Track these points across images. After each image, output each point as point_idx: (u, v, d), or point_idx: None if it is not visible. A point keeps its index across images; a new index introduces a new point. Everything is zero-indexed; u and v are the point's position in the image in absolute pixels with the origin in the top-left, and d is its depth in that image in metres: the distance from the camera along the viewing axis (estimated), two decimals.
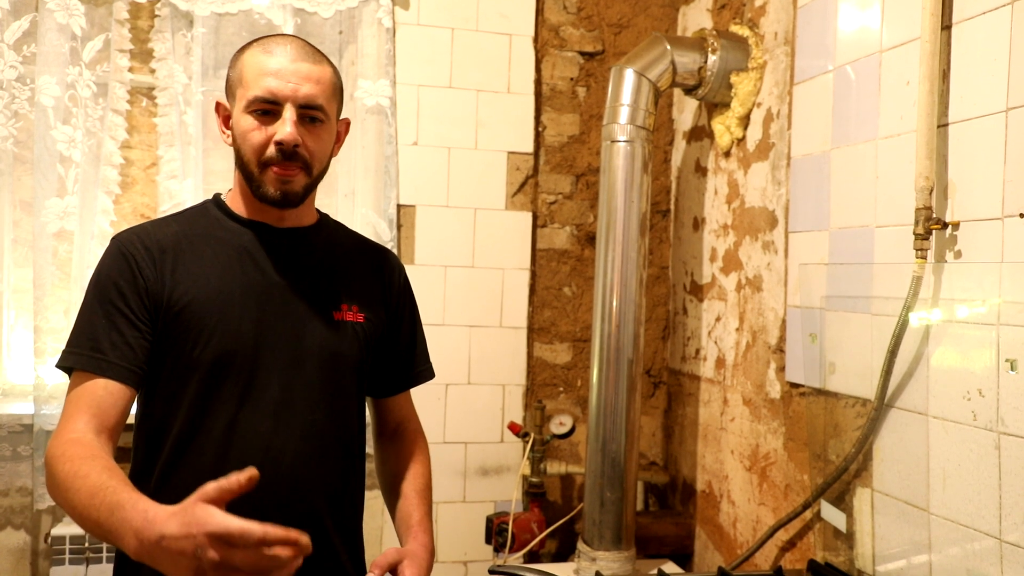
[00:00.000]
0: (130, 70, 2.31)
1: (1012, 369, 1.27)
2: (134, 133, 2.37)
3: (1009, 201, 1.31)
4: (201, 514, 0.92)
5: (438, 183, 2.51)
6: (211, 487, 0.95)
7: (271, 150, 1.26)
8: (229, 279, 1.30)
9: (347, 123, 1.42)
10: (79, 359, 1.23)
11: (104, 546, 2.17)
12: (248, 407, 1.28)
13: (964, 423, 1.37)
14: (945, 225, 1.42)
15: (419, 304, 1.57)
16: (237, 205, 1.37)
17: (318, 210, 1.46)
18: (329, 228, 1.46)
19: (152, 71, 2.33)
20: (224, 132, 1.34)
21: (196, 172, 2.30)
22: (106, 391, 1.22)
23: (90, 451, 1.13)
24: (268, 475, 1.27)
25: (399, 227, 2.47)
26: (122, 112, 2.30)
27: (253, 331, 1.29)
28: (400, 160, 2.47)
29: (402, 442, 1.52)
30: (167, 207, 2.28)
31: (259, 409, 1.28)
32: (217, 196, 1.41)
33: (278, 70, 1.26)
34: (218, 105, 1.36)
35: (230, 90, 1.32)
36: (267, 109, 1.26)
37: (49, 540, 2.19)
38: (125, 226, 2.32)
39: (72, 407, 1.21)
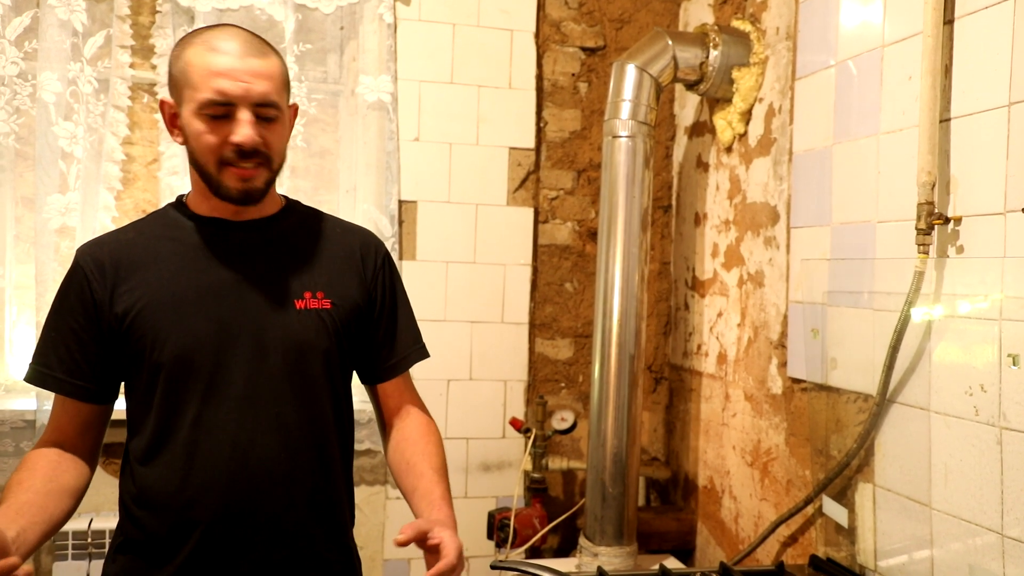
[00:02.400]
0: (131, 66, 2.32)
1: (1014, 364, 1.27)
2: (135, 129, 2.37)
3: (1011, 196, 1.31)
4: None
5: (439, 179, 2.51)
6: None
7: (228, 151, 1.24)
8: (183, 279, 1.29)
9: (295, 108, 1.39)
10: (30, 372, 1.32)
11: (106, 541, 2.17)
12: (212, 404, 1.28)
13: (966, 418, 1.37)
14: (947, 220, 1.42)
15: (421, 300, 1.55)
16: (196, 204, 1.35)
17: (286, 197, 1.44)
18: (296, 214, 1.43)
19: (153, 67, 2.33)
20: (173, 131, 1.30)
21: None
22: (63, 407, 1.32)
23: (28, 464, 1.26)
24: (236, 469, 1.28)
25: (401, 223, 2.47)
26: (123, 108, 2.30)
27: (211, 329, 1.28)
28: (401, 156, 2.47)
29: (408, 426, 1.46)
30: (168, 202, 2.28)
31: (223, 405, 1.28)
32: (179, 197, 1.39)
33: (228, 70, 1.22)
34: (163, 104, 1.30)
35: (175, 87, 1.27)
36: (222, 112, 1.23)
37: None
38: (127, 221, 2.33)
39: (49, 418, 1.34)
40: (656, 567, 1.75)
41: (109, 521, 2.19)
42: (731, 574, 1.69)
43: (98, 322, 1.29)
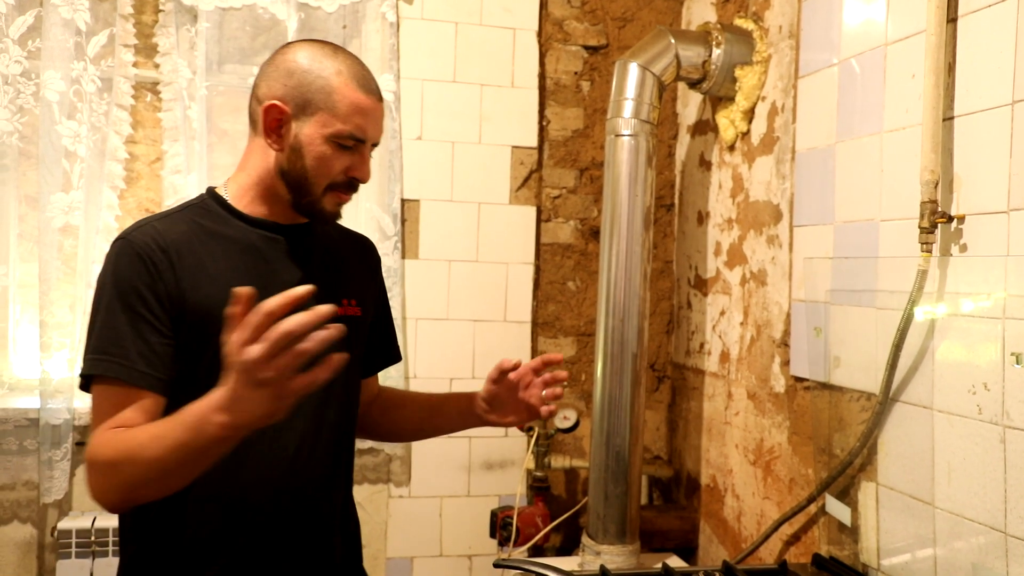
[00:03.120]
0: (134, 65, 2.32)
1: (1017, 363, 1.27)
2: (138, 128, 2.37)
3: (1015, 194, 1.30)
4: (228, 351, 0.99)
5: (442, 177, 2.51)
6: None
7: (342, 179, 1.31)
8: (243, 279, 1.28)
9: None
10: (109, 367, 1.21)
11: (110, 539, 2.18)
12: None
13: (969, 417, 1.37)
14: (950, 219, 1.42)
15: (423, 299, 1.61)
16: (246, 204, 1.35)
17: None
18: None
19: (156, 66, 2.33)
20: (276, 136, 1.30)
21: (200, 167, 2.30)
22: (139, 402, 1.21)
23: (125, 428, 1.18)
24: (287, 470, 1.30)
25: (403, 222, 2.47)
26: (127, 107, 2.30)
27: None
28: (404, 155, 2.47)
29: (385, 394, 1.63)
30: (171, 202, 2.29)
31: None
32: (212, 191, 1.38)
33: (372, 110, 1.30)
34: (272, 107, 1.28)
35: (304, 105, 1.27)
36: (352, 145, 1.30)
37: (55, 533, 2.20)
38: (130, 220, 2.34)
39: (102, 415, 1.21)
40: (659, 566, 1.75)
41: (112, 520, 2.19)
42: (734, 573, 1.69)
43: (170, 310, 1.23)
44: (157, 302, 1.23)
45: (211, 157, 2.34)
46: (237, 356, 0.97)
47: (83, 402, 2.24)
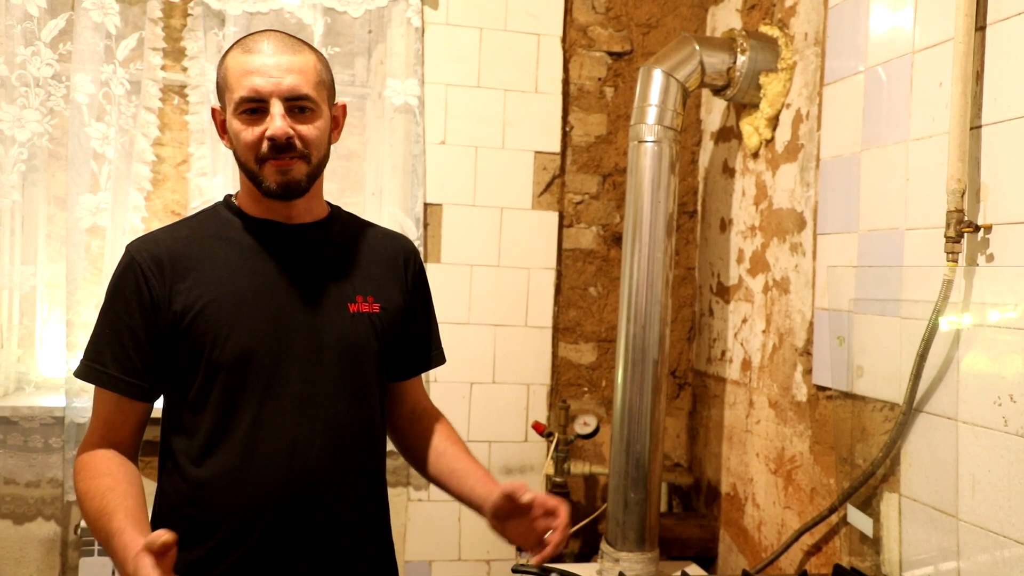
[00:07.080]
0: (163, 68, 2.35)
1: None
2: (166, 130, 2.40)
3: None
4: (140, 564, 1.05)
5: (465, 182, 2.52)
6: (150, 541, 1.06)
7: (264, 146, 1.26)
8: (241, 280, 1.31)
9: (343, 107, 1.41)
10: (82, 368, 1.30)
11: None
12: (270, 404, 1.29)
13: (995, 429, 1.35)
14: (977, 228, 1.41)
15: (445, 303, 1.58)
16: (246, 205, 1.37)
17: (329, 203, 1.46)
18: (341, 221, 1.46)
19: (184, 69, 2.36)
20: (224, 137, 1.34)
21: (226, 169, 2.33)
22: (116, 406, 1.30)
23: (100, 468, 1.26)
24: (295, 469, 1.30)
25: (426, 226, 2.48)
26: (154, 110, 2.33)
27: (270, 329, 1.30)
28: (428, 159, 2.48)
29: (427, 420, 1.54)
30: (197, 204, 2.31)
31: (282, 405, 1.30)
32: (227, 197, 1.41)
33: (260, 67, 1.26)
34: (213, 111, 1.36)
35: (220, 95, 1.33)
36: (255, 108, 1.26)
37: (79, 531, 2.22)
38: (156, 222, 2.38)
39: (92, 419, 1.33)
40: (678, 574, 1.74)
41: None
42: None
43: (155, 319, 1.28)
44: (141, 309, 1.28)
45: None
46: None
47: None
